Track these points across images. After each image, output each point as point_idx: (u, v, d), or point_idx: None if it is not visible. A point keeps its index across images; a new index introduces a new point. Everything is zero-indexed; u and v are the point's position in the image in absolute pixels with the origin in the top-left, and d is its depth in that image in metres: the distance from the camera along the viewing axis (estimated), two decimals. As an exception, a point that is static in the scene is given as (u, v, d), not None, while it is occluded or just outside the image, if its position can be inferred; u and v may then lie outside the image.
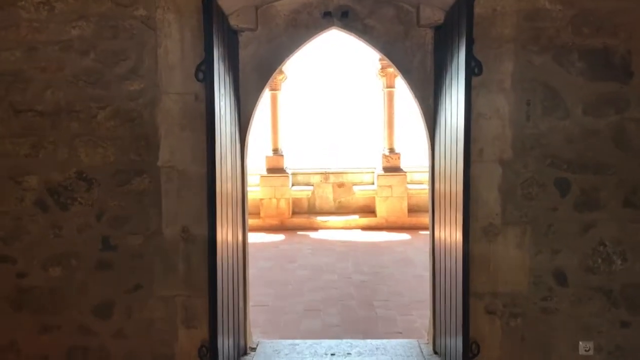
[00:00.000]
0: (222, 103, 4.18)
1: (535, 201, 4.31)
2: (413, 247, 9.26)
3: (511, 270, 4.35)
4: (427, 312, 5.21)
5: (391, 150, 11.10)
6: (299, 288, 7.03)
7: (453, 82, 4.19)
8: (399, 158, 11.04)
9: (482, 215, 4.30)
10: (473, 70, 3.91)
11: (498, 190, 4.30)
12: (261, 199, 11.00)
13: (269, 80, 4.85)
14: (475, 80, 3.93)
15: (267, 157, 11.16)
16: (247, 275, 5.03)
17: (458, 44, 4.06)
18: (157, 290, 4.39)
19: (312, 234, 10.49)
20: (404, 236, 10.19)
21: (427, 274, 7.57)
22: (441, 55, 4.57)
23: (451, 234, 4.21)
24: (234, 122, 4.60)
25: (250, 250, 5.18)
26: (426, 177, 11.68)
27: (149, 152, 4.31)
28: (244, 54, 4.69)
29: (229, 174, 4.43)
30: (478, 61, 3.89)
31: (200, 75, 3.95)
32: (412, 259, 8.36)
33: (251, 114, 4.79)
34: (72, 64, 4.26)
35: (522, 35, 4.23)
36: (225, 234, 4.23)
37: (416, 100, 4.79)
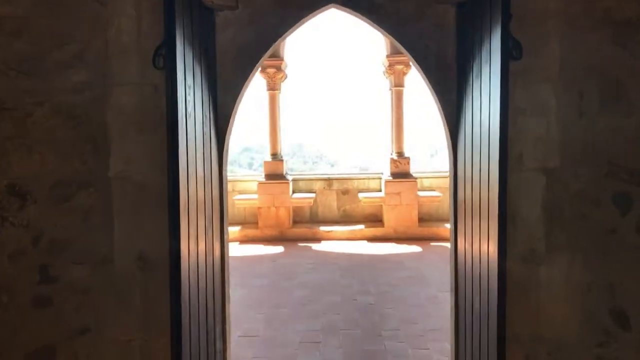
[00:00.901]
0: (190, 97, 3.26)
1: (588, 221, 3.34)
2: (425, 261, 8.29)
3: (558, 308, 3.38)
4: (446, 345, 4.33)
5: (400, 154, 10.14)
6: (296, 312, 6.07)
7: (483, 69, 3.25)
8: (408, 163, 10.08)
9: (521, 238, 3.34)
10: (511, 53, 2.97)
11: (541, 206, 3.34)
12: (259, 208, 10.07)
13: (254, 71, 3.90)
14: (512, 66, 2.98)
15: (265, 162, 10.23)
16: (227, 304, 4.09)
17: (490, 21, 3.12)
18: (108, 333, 3.45)
19: (314, 246, 9.54)
20: (415, 248, 9.22)
21: (444, 296, 6.70)
22: (466, 39, 3.63)
23: (481, 252, 3.27)
24: (208, 121, 3.66)
25: (244, 265, 4.27)
26: (438, 183, 10.78)
27: (97, 160, 3.38)
28: (222, 38, 3.76)
29: (202, 182, 3.51)
30: (517, 41, 2.96)
31: (160, 61, 3.05)
32: (425, 277, 7.39)
33: (232, 111, 3.86)
34: (0, 49, 3.34)
35: (572, 8, 3.27)
36: (194, 255, 3.29)
37: (434, 94, 3.84)
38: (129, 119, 3.35)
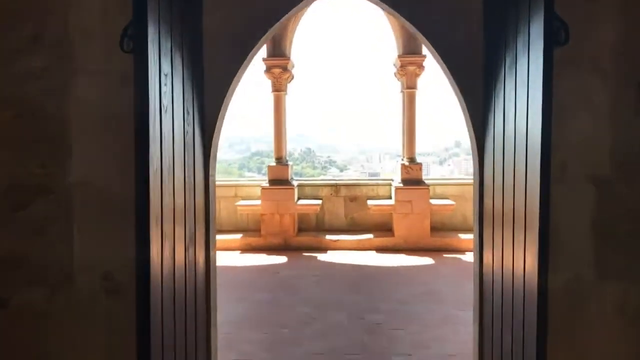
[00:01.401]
0: (167, 87, 2.71)
1: (647, 242, 2.74)
2: (439, 275, 7.67)
3: (611, 350, 2.77)
4: (465, 379, 3.67)
5: (411, 160, 9.54)
6: (297, 333, 5.48)
7: (519, 59, 2.68)
8: (420, 169, 9.47)
9: (565, 262, 2.74)
10: (555, 36, 2.39)
11: (590, 224, 2.73)
12: (262, 215, 9.49)
13: (247, 60, 3.35)
14: (556, 54, 2.39)
15: (269, 166, 9.67)
16: (212, 329, 3.52)
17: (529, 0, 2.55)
18: (67, 369, 2.88)
19: (320, 256, 8.95)
20: (427, 260, 8.60)
21: (460, 315, 6.11)
22: (497, 24, 3.07)
23: (515, 273, 2.69)
24: (190, 117, 3.11)
25: (245, 277, 3.69)
26: (451, 190, 10.16)
27: (55, 162, 2.83)
28: (210, 21, 3.22)
29: (182, 187, 2.95)
30: (562, 22, 2.37)
31: (128, 44, 2.49)
32: (440, 293, 6.77)
33: (220, 107, 3.31)
34: (-57, 29, 2.80)
35: (630, -16, 2.68)
36: (169, 273, 2.72)
37: (458, 90, 3.28)
38: (93, 114, 2.79)
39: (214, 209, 3.55)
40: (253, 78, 9.70)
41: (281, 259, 8.78)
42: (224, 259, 8.82)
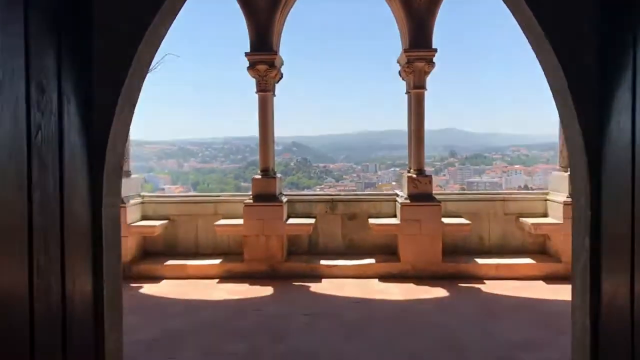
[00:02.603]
0: None
1: None
2: (456, 312, 6.18)
3: None
4: None
5: (419, 171, 8.06)
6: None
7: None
8: (430, 182, 7.99)
9: None
10: None
11: None
12: (245, 236, 7.99)
13: (154, 40, 1.88)
14: None
15: (254, 179, 8.17)
16: None
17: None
18: None
19: (313, 286, 7.44)
20: (440, 292, 7.11)
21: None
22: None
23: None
24: (66, 114, 1.63)
25: (219, 318, 2.60)
26: (466, 207, 8.66)
27: None
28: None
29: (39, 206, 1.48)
30: None
31: None
32: (461, 341, 5.27)
33: (113, 106, 1.82)
34: None
35: None
36: None
37: (561, 89, 1.79)
38: None
39: (117, 234, 2.06)
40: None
41: (266, 290, 7.27)
42: (198, 290, 7.30)
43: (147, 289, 7.45)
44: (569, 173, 7.90)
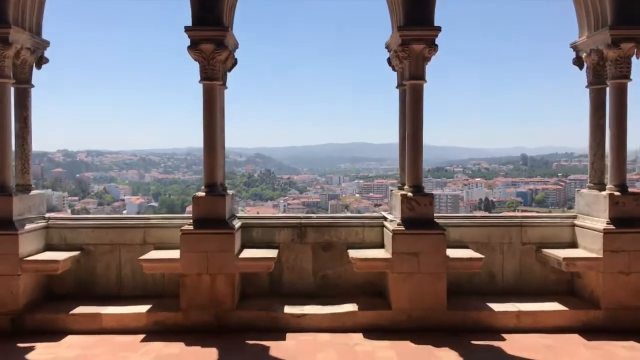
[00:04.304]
0: None
1: None
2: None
3: None
4: None
5: (417, 188, 6.00)
6: None
7: None
8: (430, 203, 5.94)
9: None
10: None
11: None
12: (182, 276, 5.75)
13: None
14: None
15: (195, 197, 5.94)
16: None
17: None
18: None
19: (275, 347, 5.26)
20: (448, 355, 5.04)
21: None
22: None
23: None
24: None
25: None
26: (472, 234, 6.55)
27: None
28: None
29: None
30: None
31: None
32: None
33: None
34: None
35: None
36: None
37: None
38: None
39: None
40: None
41: (208, 356, 5.05)
42: (111, 355, 5.02)
43: (39, 353, 5.12)
44: (607, 192, 5.99)
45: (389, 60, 6.48)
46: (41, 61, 6.47)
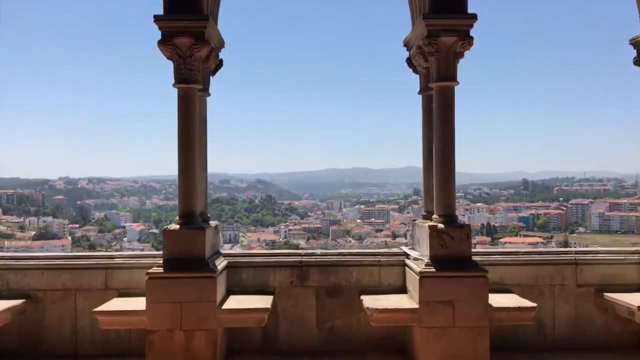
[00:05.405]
0: None
1: None
2: None
3: None
4: None
5: (449, 218, 4.67)
6: None
7: None
8: (467, 237, 4.60)
9: None
10: None
11: None
12: (149, 332, 4.38)
13: None
14: None
15: (167, 231, 4.59)
16: None
17: None
18: None
19: None
20: None
21: None
22: None
23: None
24: None
25: None
26: (518, 275, 5.04)
27: None
28: None
29: None
30: None
31: None
32: None
33: None
34: None
35: None
36: None
37: None
38: None
39: None
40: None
41: None
42: None
43: None
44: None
45: (409, 61, 5.24)
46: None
